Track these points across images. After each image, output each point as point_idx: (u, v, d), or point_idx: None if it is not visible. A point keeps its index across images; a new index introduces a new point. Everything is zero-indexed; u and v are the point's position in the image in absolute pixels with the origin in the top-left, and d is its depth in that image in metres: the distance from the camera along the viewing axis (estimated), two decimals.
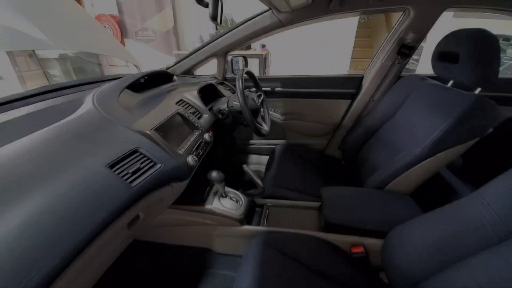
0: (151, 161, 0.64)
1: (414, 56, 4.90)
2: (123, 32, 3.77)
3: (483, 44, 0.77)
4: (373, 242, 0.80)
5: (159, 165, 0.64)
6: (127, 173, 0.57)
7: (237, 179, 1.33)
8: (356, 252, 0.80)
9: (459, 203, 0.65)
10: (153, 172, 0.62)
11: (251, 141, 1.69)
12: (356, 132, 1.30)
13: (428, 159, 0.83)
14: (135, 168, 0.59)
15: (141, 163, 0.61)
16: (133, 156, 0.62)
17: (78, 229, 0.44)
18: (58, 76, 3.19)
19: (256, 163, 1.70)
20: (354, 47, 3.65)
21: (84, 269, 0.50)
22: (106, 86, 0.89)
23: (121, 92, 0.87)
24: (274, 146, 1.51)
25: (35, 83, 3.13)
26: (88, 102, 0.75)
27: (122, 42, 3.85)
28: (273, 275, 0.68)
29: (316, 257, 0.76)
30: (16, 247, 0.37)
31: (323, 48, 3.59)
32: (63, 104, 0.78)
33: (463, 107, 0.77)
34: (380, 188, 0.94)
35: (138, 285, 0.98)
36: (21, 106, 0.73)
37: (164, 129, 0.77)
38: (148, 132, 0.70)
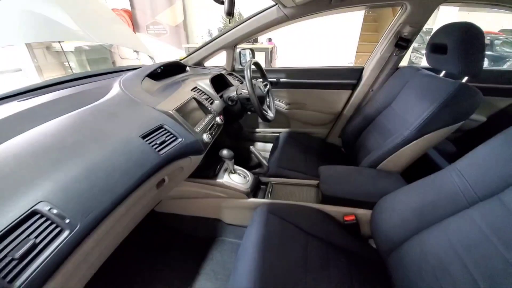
0: (174, 136, 0.76)
1: (422, 51, 4.89)
2: (134, 26, 3.89)
3: (468, 36, 0.86)
4: (363, 212, 0.91)
5: (180, 139, 0.77)
6: (155, 144, 0.69)
7: (244, 163, 1.46)
8: (348, 220, 0.91)
9: (437, 174, 0.75)
10: (175, 145, 0.74)
11: (257, 129, 1.81)
12: (355, 121, 1.39)
13: (415, 141, 0.93)
14: (161, 140, 0.71)
15: (166, 137, 0.74)
16: (159, 131, 0.74)
17: (124, 180, 0.56)
18: (74, 67, 3.35)
19: (262, 150, 1.82)
20: (360, 41, 3.69)
21: (120, 220, 0.62)
22: (129, 74, 1.01)
23: (142, 80, 0.99)
24: (278, 134, 1.61)
25: (52, 74, 3.30)
26: (116, 87, 0.87)
27: None
28: (275, 236, 0.80)
29: (313, 224, 0.88)
30: (82, 186, 0.50)
31: (328, 43, 3.64)
32: (94, 89, 0.90)
33: (447, 93, 0.86)
34: (373, 168, 1.05)
35: (158, 249, 1.12)
36: (58, 90, 0.86)
37: (182, 110, 0.89)
38: (171, 112, 0.82)
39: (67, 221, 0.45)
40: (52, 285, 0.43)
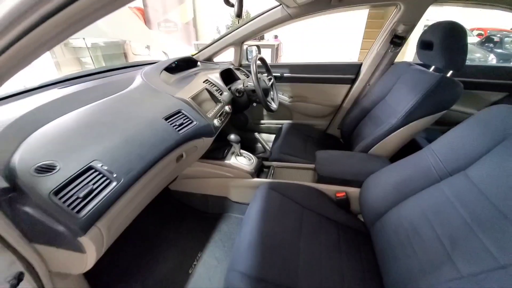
0: (190, 119, 0.90)
1: None
2: (146, 23, 4.05)
3: (451, 34, 0.96)
4: (353, 190, 1.03)
5: (195, 122, 0.90)
6: (175, 125, 0.83)
7: (250, 151, 1.59)
8: (339, 196, 1.03)
9: (415, 154, 0.86)
10: (191, 127, 0.88)
11: (262, 121, 1.93)
12: (353, 113, 1.50)
13: (401, 128, 1.05)
14: (179, 122, 0.85)
15: (183, 120, 0.88)
16: (178, 115, 0.88)
17: (153, 151, 0.71)
18: (90, 63, 3.54)
19: (266, 140, 1.94)
20: (364, 38, 3.73)
21: (149, 183, 0.76)
22: (148, 68, 1.15)
23: (160, 73, 1.13)
24: (281, 125, 1.73)
25: (70, 69, 3.47)
26: (138, 79, 1.01)
27: None
28: (274, 208, 0.92)
29: (308, 199, 1.00)
30: (122, 152, 0.64)
31: (332, 40, 3.71)
32: (120, 80, 1.04)
33: (429, 85, 0.97)
34: (364, 152, 1.17)
35: (173, 222, 1.28)
36: (89, 81, 0.99)
37: (196, 99, 1.02)
38: (187, 99, 0.95)
39: (115, 175, 0.59)
40: (103, 221, 0.57)
